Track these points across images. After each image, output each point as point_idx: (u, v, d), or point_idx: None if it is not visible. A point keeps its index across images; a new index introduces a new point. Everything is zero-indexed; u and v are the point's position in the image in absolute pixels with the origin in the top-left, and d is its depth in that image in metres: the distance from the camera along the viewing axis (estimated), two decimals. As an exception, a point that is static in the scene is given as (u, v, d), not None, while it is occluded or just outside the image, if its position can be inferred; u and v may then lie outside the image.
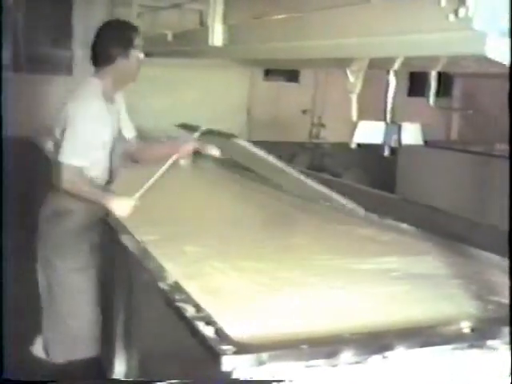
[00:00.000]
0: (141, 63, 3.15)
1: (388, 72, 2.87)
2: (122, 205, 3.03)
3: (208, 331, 1.84)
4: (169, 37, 4.09)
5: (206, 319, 1.93)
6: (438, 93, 3.34)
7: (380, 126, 2.85)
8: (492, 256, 3.00)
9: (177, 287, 2.26)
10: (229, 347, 1.73)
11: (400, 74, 2.94)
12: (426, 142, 3.03)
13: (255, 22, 3.09)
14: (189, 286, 2.28)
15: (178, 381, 1.95)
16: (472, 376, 1.91)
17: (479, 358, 1.91)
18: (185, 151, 3.25)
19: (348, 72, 2.65)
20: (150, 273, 2.48)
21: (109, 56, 3.06)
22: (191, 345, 1.90)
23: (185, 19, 4.76)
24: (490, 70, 2.40)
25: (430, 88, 3.24)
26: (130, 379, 2.85)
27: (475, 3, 1.66)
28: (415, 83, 7.19)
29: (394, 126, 2.85)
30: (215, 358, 1.71)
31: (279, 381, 1.71)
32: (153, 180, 3.08)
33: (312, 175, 4.99)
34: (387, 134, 2.84)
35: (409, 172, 7.01)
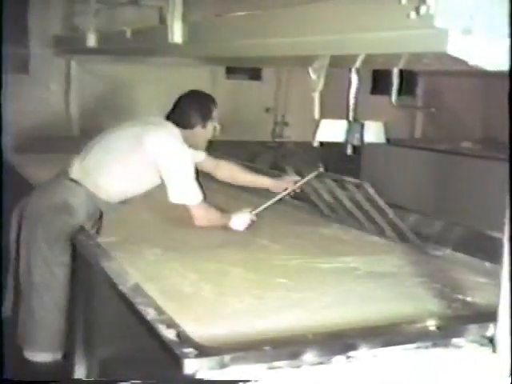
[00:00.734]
0: (214, 134, 3.43)
1: (350, 70, 2.86)
2: (241, 219, 3.30)
3: (169, 334, 1.82)
4: (127, 34, 4.02)
5: (167, 322, 1.90)
6: (401, 91, 3.35)
7: (342, 125, 2.85)
8: (456, 254, 3.02)
9: (137, 290, 2.22)
10: (190, 350, 1.71)
11: (363, 72, 2.94)
12: (389, 140, 3.03)
13: (216, 20, 3.06)
14: (149, 289, 2.25)
15: (141, 381, 1.91)
16: (437, 375, 1.90)
17: (444, 357, 1.90)
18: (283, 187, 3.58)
19: (310, 70, 2.63)
20: (110, 275, 2.44)
21: (189, 123, 3.31)
22: (153, 348, 1.87)
23: (144, 16, 4.70)
24: (453, 68, 2.40)
25: (393, 86, 3.24)
26: (97, 379, 2.81)
27: (436, 1, 1.66)
28: (379, 81, 7.21)
29: (357, 125, 2.85)
30: (177, 361, 1.68)
31: (245, 381, 1.69)
32: (270, 202, 3.44)
33: (275, 174, 5.00)
34: (350, 133, 2.83)
35: (372, 170, 7.03)
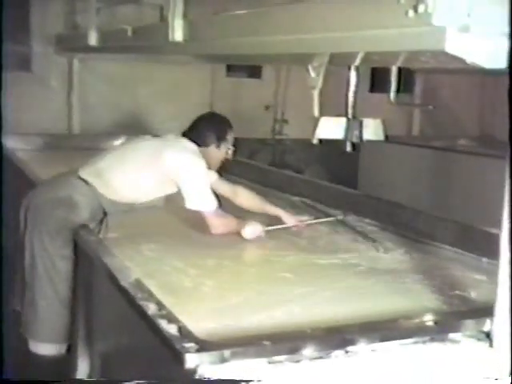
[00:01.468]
0: (227, 156, 3.52)
1: (349, 68, 2.87)
2: (254, 230, 3.28)
3: (171, 329, 1.83)
4: (128, 32, 4.04)
5: (169, 317, 1.92)
6: (399, 89, 3.36)
7: (341, 122, 2.86)
8: (453, 250, 3.04)
9: (138, 285, 2.24)
10: (191, 345, 1.72)
11: (362, 70, 2.95)
12: (388, 138, 3.05)
13: (216, 18, 3.07)
14: (149, 285, 2.27)
15: (146, 381, 1.92)
16: (434, 369, 1.92)
17: (441, 351, 1.92)
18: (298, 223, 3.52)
19: (309, 68, 2.65)
20: (111, 270, 2.45)
21: (204, 141, 3.42)
22: (154, 343, 1.89)
23: (145, 14, 4.71)
24: (450, 66, 2.41)
25: (391, 84, 3.26)
26: (101, 379, 2.82)
27: (434, -1, 1.67)
28: (377, 79, 7.23)
29: (356, 122, 2.86)
30: (178, 356, 1.70)
31: (248, 381, 1.70)
32: (283, 226, 3.45)
33: (274, 172, 5.03)
34: (349, 130, 2.84)
35: (371, 168, 7.05)
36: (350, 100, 2.90)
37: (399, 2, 1.78)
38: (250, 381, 1.70)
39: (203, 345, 1.72)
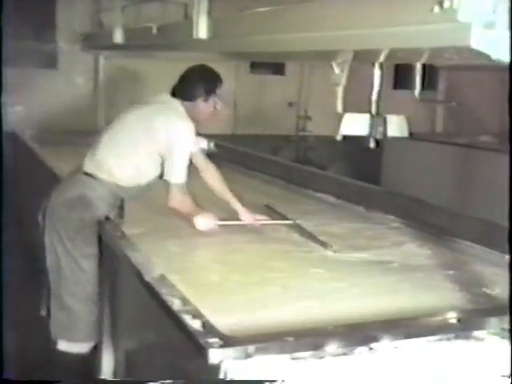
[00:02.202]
0: (216, 111, 3.39)
1: (373, 64, 2.86)
2: (205, 221, 3.24)
3: (195, 324, 1.84)
4: (153, 30, 4.07)
5: (193, 312, 1.93)
6: (423, 85, 3.35)
7: (365, 118, 2.85)
8: (478, 247, 3.02)
9: (162, 280, 2.26)
10: (215, 340, 1.73)
11: (386, 67, 2.94)
12: (411, 134, 3.03)
13: (240, 15, 3.08)
14: (174, 280, 2.28)
15: (171, 381, 1.93)
16: (458, 366, 1.91)
17: (465, 349, 1.92)
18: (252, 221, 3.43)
19: (333, 64, 2.64)
20: (136, 265, 2.47)
21: (192, 94, 3.32)
22: (178, 338, 1.90)
23: (169, 12, 4.74)
24: (473, 62, 2.40)
25: (415, 81, 3.24)
26: (126, 379, 2.84)
27: (460, -5, 1.67)
28: (401, 76, 7.20)
29: (380, 118, 2.85)
30: (202, 351, 1.71)
31: (272, 381, 1.71)
32: (237, 223, 3.37)
33: (298, 168, 5.02)
34: (373, 126, 2.84)
35: (394, 164, 7.02)
36: (374, 96, 2.89)
37: (424, -1, 1.77)
38: (274, 381, 1.71)
39: (227, 340, 1.73)
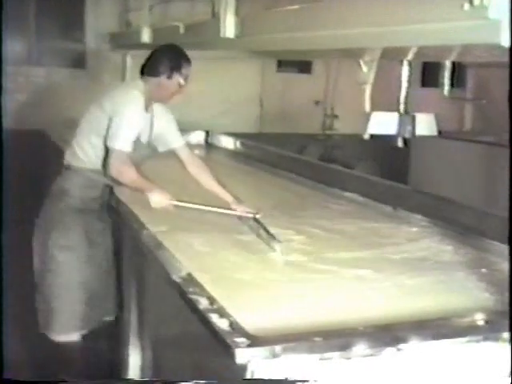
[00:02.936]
0: (180, 91, 3.40)
1: (401, 62, 2.84)
2: (160, 198, 3.20)
3: (222, 324, 1.84)
4: (180, 29, 4.08)
5: (220, 312, 1.93)
6: (452, 83, 3.32)
7: (393, 117, 2.83)
8: (503, 246, 2.98)
9: (190, 279, 2.26)
10: (242, 340, 1.72)
11: (413, 65, 2.92)
12: (440, 133, 3.01)
13: (267, 13, 3.07)
14: (201, 278, 2.28)
15: (205, 381, 1.93)
16: (486, 368, 1.89)
17: (494, 351, 1.89)
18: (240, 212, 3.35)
19: (361, 62, 2.63)
20: (163, 265, 2.48)
21: (156, 70, 3.33)
22: (205, 337, 1.90)
23: (196, 11, 4.75)
24: (503, 60, 2.37)
25: (444, 78, 3.22)
26: (156, 379, 2.85)
27: (490, -8, 1.65)
28: (429, 74, 7.14)
29: (408, 117, 2.83)
30: (229, 351, 1.70)
31: (304, 381, 1.70)
32: (197, 207, 3.26)
33: (324, 167, 5.01)
34: (401, 125, 2.82)
35: (422, 163, 6.97)
36: (402, 95, 2.87)
37: (454, -5, 1.75)
38: (306, 380, 1.70)
39: (254, 340, 1.73)
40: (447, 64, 3.11)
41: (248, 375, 1.69)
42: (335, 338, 1.80)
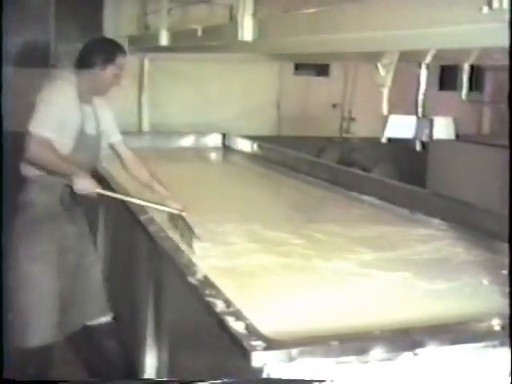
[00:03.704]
0: (116, 82, 3.35)
1: (419, 65, 2.83)
2: (85, 182, 3.14)
3: (238, 327, 1.84)
4: (198, 32, 4.09)
5: (236, 315, 1.93)
6: (470, 86, 3.30)
7: (411, 121, 2.82)
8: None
9: (206, 282, 2.26)
10: (259, 343, 1.72)
11: (431, 67, 2.91)
12: (457, 136, 2.99)
13: (285, 16, 3.07)
14: (218, 281, 2.28)
15: (220, 381, 1.93)
16: (503, 373, 1.88)
17: (509, 356, 1.88)
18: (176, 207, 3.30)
19: (379, 65, 2.62)
20: (180, 267, 2.48)
21: (89, 62, 3.29)
22: (221, 340, 1.90)
23: (214, 14, 4.76)
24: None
25: (462, 81, 3.20)
26: (173, 379, 2.85)
27: (509, -5, 1.63)
28: (447, 77, 7.11)
29: (426, 120, 2.82)
30: (245, 354, 1.70)
31: (321, 381, 1.70)
32: (123, 197, 3.30)
33: (342, 170, 5.00)
34: (419, 129, 2.80)
35: (440, 166, 6.94)
36: (420, 98, 2.85)
37: (473, -1, 1.75)
38: (323, 381, 1.70)
39: (270, 343, 1.73)
40: (465, 67, 3.09)
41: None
42: (352, 342, 1.80)
